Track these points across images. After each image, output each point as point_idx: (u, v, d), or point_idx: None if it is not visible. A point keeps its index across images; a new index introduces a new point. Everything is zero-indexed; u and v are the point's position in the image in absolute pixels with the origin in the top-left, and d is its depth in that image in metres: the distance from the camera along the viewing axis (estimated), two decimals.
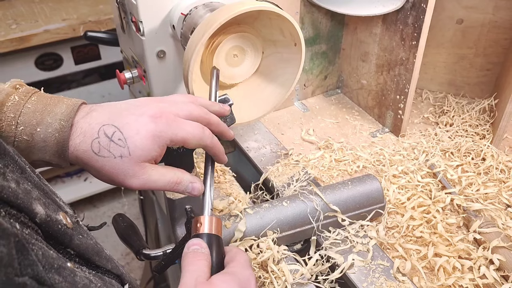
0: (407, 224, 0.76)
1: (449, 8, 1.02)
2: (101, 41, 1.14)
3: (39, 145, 0.50)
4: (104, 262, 0.42)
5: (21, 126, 0.50)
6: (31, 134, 0.50)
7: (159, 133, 0.51)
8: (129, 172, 0.51)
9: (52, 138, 0.50)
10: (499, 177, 0.87)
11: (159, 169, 0.53)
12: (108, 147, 0.50)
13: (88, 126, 0.51)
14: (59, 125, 0.50)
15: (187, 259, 0.49)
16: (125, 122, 0.51)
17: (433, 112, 1.08)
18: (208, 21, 0.71)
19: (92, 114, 0.52)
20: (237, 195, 0.82)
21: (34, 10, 1.79)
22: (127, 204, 2.32)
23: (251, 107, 0.87)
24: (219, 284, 0.46)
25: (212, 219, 0.54)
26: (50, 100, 0.52)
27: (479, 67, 1.07)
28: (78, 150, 0.51)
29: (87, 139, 0.50)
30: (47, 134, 0.50)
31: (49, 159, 0.51)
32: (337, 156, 0.93)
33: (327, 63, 1.11)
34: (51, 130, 0.50)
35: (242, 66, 0.82)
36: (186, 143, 0.54)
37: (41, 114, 0.50)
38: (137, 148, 0.50)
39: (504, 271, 0.68)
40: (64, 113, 0.51)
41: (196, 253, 0.50)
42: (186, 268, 0.48)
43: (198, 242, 0.52)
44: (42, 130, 0.50)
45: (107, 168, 0.50)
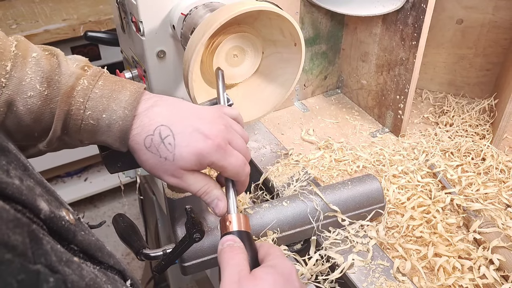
0: (407, 224, 0.76)
1: (449, 8, 1.02)
2: (101, 41, 1.14)
3: (103, 129, 0.54)
4: (106, 258, 0.42)
5: (89, 111, 0.53)
6: (97, 119, 0.53)
7: (206, 154, 0.54)
8: (168, 172, 0.55)
9: (116, 125, 0.53)
10: (499, 177, 0.87)
11: (196, 175, 0.56)
12: (158, 146, 0.53)
13: (148, 122, 0.54)
14: (123, 114, 0.53)
15: (225, 254, 0.50)
16: (180, 131, 0.54)
17: (433, 112, 1.08)
18: (208, 21, 0.71)
19: (155, 110, 0.55)
20: None
21: (34, 10, 1.79)
22: (127, 204, 2.32)
23: (251, 107, 0.87)
24: (264, 276, 0.46)
25: (240, 216, 0.55)
26: (115, 85, 0.55)
27: (479, 67, 1.07)
28: (133, 140, 0.54)
29: (143, 133, 0.54)
30: (111, 121, 0.53)
31: (111, 142, 0.55)
32: (337, 156, 0.93)
33: (327, 63, 1.11)
34: (116, 117, 0.53)
35: (242, 66, 0.82)
36: (224, 171, 0.56)
37: (108, 100, 0.53)
38: (181, 158, 0.53)
39: (504, 271, 0.68)
40: (128, 101, 0.54)
41: (232, 247, 0.51)
42: (226, 263, 0.49)
43: (231, 237, 0.53)
44: (107, 116, 0.53)
45: (151, 162, 0.54)
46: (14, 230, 0.29)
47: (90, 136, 0.55)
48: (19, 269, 0.27)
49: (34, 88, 0.51)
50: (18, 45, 0.53)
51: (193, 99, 0.76)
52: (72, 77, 0.53)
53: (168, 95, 0.93)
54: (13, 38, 0.53)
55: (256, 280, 0.46)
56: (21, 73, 0.51)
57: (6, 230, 0.28)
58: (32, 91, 0.51)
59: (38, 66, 0.52)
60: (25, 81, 0.51)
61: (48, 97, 0.52)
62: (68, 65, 0.54)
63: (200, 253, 0.68)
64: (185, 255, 0.67)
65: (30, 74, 0.51)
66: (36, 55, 0.53)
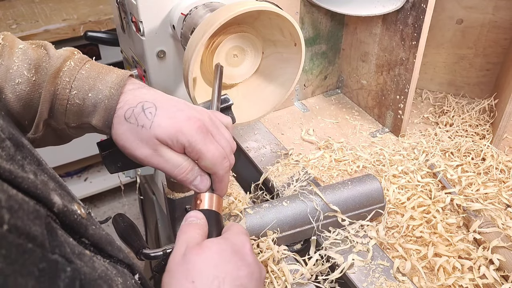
0: (407, 224, 0.76)
1: (449, 8, 1.02)
2: (101, 41, 1.14)
3: (89, 109, 0.54)
4: (116, 252, 0.43)
5: (75, 90, 0.53)
6: (83, 98, 0.53)
7: (185, 131, 0.52)
8: (142, 140, 0.52)
9: (101, 104, 0.53)
10: (499, 177, 0.87)
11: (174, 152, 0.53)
12: (137, 116, 0.52)
13: (133, 98, 0.54)
14: (109, 93, 0.53)
15: (181, 230, 0.49)
16: (165, 106, 0.53)
17: (433, 112, 1.08)
18: (209, 20, 0.71)
19: (141, 90, 0.55)
20: (237, 195, 0.82)
21: (34, 10, 1.79)
22: (127, 204, 2.32)
23: (251, 107, 0.87)
24: (210, 245, 0.45)
25: (212, 196, 0.54)
26: (102, 69, 0.55)
27: (479, 67, 1.07)
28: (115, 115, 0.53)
29: (125, 106, 0.53)
30: (97, 100, 0.53)
31: (95, 123, 0.54)
32: (337, 156, 0.93)
33: (327, 63, 1.11)
34: (101, 96, 0.53)
35: (242, 66, 0.82)
36: (201, 158, 0.53)
37: (94, 81, 0.54)
38: (158, 126, 0.51)
39: (504, 271, 0.68)
40: (114, 82, 0.54)
41: (190, 224, 0.50)
42: (178, 236, 0.48)
43: (194, 214, 0.52)
44: (93, 95, 0.53)
45: (127, 134, 0.53)
46: (34, 221, 0.30)
47: (76, 117, 0.55)
48: (40, 258, 0.28)
49: (21, 75, 0.52)
50: (4, 38, 0.54)
51: (193, 99, 0.76)
52: (59, 59, 0.54)
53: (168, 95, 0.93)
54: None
55: (201, 249, 0.44)
56: (8, 62, 0.52)
57: (27, 221, 0.29)
58: (20, 78, 0.52)
59: (25, 55, 0.53)
60: (12, 68, 0.52)
61: (37, 82, 0.53)
62: (56, 51, 0.55)
63: None
64: None
65: (17, 63, 0.52)
66: (23, 46, 0.54)
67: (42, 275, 0.27)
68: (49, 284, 0.28)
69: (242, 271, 0.43)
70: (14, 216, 0.28)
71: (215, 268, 0.42)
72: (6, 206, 0.27)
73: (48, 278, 0.28)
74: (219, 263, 0.43)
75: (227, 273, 0.42)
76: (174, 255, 0.45)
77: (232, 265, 0.43)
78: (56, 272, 0.29)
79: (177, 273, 0.42)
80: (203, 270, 0.41)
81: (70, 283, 0.30)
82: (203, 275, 0.41)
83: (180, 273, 0.42)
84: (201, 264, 0.42)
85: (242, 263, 0.44)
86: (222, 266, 0.42)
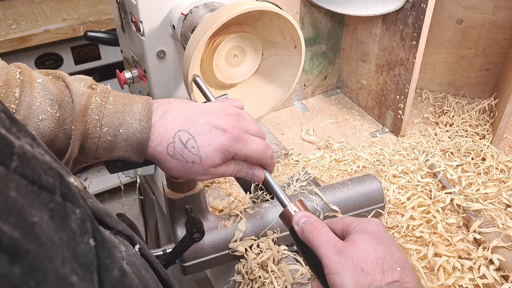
0: (407, 224, 0.76)
1: (449, 8, 1.02)
2: (101, 41, 1.13)
3: (121, 144, 0.54)
4: (115, 224, 0.43)
5: (105, 127, 0.53)
6: (114, 135, 0.54)
7: (228, 147, 0.56)
8: (199, 173, 0.56)
9: (134, 139, 0.54)
10: (499, 177, 0.87)
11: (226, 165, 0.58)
12: (182, 152, 0.55)
13: (165, 130, 0.55)
14: (139, 126, 0.54)
15: (310, 233, 0.50)
16: (199, 132, 0.55)
17: (433, 112, 1.08)
18: (211, 19, 0.71)
19: (168, 117, 0.56)
20: (237, 195, 0.82)
21: (34, 10, 1.79)
22: (127, 204, 2.32)
23: (251, 108, 0.87)
24: (359, 237, 0.48)
25: (297, 204, 0.55)
26: (125, 99, 0.56)
27: (479, 67, 1.07)
28: (155, 150, 0.55)
29: (163, 142, 0.55)
30: (129, 135, 0.54)
31: (129, 156, 0.56)
32: (337, 156, 0.93)
33: (327, 63, 1.11)
34: (133, 131, 0.54)
35: (242, 67, 0.82)
36: (249, 159, 0.58)
37: (122, 115, 0.54)
38: (207, 158, 0.55)
39: (504, 271, 0.68)
40: (142, 113, 0.55)
41: (313, 224, 0.51)
42: (317, 240, 0.49)
43: (303, 214, 0.53)
44: (124, 131, 0.54)
45: (179, 169, 0.56)
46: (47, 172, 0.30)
47: (107, 152, 0.55)
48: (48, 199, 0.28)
49: (45, 111, 0.51)
50: (22, 72, 0.53)
51: (193, 98, 0.76)
52: (84, 96, 0.53)
53: (168, 95, 0.93)
54: (14, 66, 0.54)
55: (353, 243, 0.47)
56: (30, 98, 0.51)
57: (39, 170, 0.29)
58: (44, 114, 0.51)
59: (46, 90, 0.52)
60: (35, 105, 0.51)
61: (61, 118, 0.52)
62: (76, 85, 0.55)
63: (200, 253, 0.68)
64: (185, 255, 0.67)
65: (39, 98, 0.51)
66: (42, 80, 0.53)
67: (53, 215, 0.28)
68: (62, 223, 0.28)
69: (393, 248, 0.48)
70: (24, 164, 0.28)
71: (374, 252, 0.46)
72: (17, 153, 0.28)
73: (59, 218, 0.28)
74: (376, 247, 0.47)
75: (383, 252, 0.46)
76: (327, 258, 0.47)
77: (383, 246, 0.47)
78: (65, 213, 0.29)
79: (346, 269, 0.45)
80: (367, 257, 0.46)
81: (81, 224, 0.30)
82: (368, 260, 0.45)
83: (348, 268, 0.45)
84: (362, 253, 0.46)
85: (387, 240, 0.48)
86: (377, 249, 0.46)
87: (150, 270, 0.44)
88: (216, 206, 0.78)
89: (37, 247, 0.24)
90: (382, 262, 0.46)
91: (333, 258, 0.47)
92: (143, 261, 0.44)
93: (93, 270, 0.29)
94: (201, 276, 1.35)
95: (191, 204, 0.66)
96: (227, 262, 0.71)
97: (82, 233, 0.30)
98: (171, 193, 0.66)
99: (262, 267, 0.68)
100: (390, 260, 0.46)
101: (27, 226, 0.24)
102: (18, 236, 0.23)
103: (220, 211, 0.78)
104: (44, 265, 0.24)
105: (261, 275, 0.67)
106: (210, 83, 0.83)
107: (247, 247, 0.69)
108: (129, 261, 0.39)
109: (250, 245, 0.69)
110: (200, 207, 0.68)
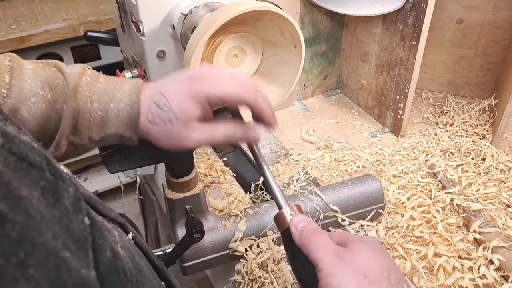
0: (407, 224, 0.76)
1: (449, 8, 1.02)
2: (101, 41, 1.14)
3: (113, 120, 0.54)
4: (107, 211, 0.42)
5: (96, 103, 0.54)
6: (105, 109, 0.54)
7: (196, 90, 0.53)
8: (182, 134, 0.54)
9: (124, 112, 0.54)
10: (499, 177, 0.87)
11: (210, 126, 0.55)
12: (158, 114, 0.53)
13: (145, 100, 0.54)
14: (129, 100, 0.54)
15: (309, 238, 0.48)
16: (168, 88, 0.54)
17: (433, 112, 1.08)
18: (211, 19, 0.71)
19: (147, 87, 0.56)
20: (237, 195, 0.82)
21: (34, 10, 1.79)
22: (127, 204, 2.32)
23: None
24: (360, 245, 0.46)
25: (294, 208, 0.53)
26: (116, 80, 0.56)
27: (479, 67, 1.07)
28: (141, 123, 0.55)
29: (145, 110, 0.54)
30: (119, 109, 0.54)
31: (122, 132, 0.55)
32: (337, 156, 0.93)
33: (327, 63, 1.11)
34: (123, 105, 0.54)
35: (241, 67, 0.82)
36: (224, 100, 0.54)
37: (112, 92, 0.55)
38: (180, 110, 0.53)
39: (504, 271, 0.68)
40: (131, 90, 0.55)
41: (312, 230, 0.49)
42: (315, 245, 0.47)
43: (302, 218, 0.51)
44: (115, 105, 0.54)
45: (163, 134, 0.54)
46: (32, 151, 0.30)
47: (99, 129, 0.55)
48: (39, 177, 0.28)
49: (36, 93, 0.52)
50: (12, 59, 0.54)
51: None
52: (75, 75, 0.54)
53: None
54: (4, 55, 0.54)
55: (353, 250, 0.46)
56: (20, 82, 0.52)
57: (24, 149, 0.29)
58: (35, 97, 0.52)
59: (36, 74, 0.53)
60: (25, 88, 0.52)
61: (52, 99, 0.53)
62: (69, 68, 0.56)
63: (200, 253, 0.68)
64: (185, 255, 0.67)
65: (29, 82, 0.52)
66: (31, 66, 0.54)
67: (45, 192, 0.27)
68: (54, 201, 0.28)
69: (394, 264, 0.47)
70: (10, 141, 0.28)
71: (378, 262, 0.45)
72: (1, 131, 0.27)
73: (51, 196, 0.28)
74: (378, 258, 0.46)
75: (388, 266, 0.45)
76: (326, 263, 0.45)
77: (387, 260, 0.46)
78: (58, 190, 0.29)
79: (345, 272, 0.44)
80: (371, 265, 0.44)
81: (75, 202, 0.30)
82: (372, 269, 0.44)
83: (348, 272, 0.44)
84: (364, 261, 0.45)
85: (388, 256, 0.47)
86: (381, 260, 0.45)
87: (144, 258, 0.44)
88: (216, 206, 0.78)
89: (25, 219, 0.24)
90: (388, 274, 0.44)
91: (332, 261, 0.45)
92: (136, 249, 0.43)
93: (88, 247, 0.28)
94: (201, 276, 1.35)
95: (191, 204, 0.66)
96: (227, 262, 0.71)
97: (76, 211, 0.29)
98: (171, 193, 0.66)
99: (262, 267, 0.68)
100: (396, 275, 0.45)
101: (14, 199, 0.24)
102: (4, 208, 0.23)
103: (220, 211, 0.78)
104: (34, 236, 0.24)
105: (261, 275, 0.67)
106: None
107: (247, 247, 0.69)
108: (123, 245, 0.38)
109: (250, 245, 0.69)
110: (200, 207, 0.68)
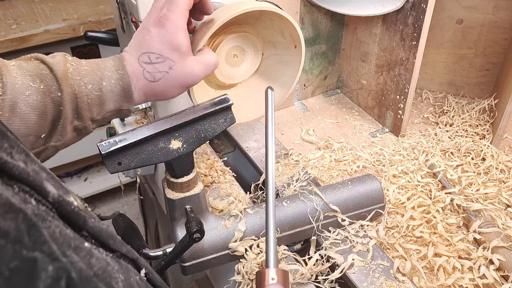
0: (407, 224, 0.76)
1: (449, 8, 1.02)
2: (101, 41, 1.14)
3: (109, 96, 0.58)
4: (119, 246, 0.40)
5: (89, 84, 0.57)
6: (99, 89, 0.57)
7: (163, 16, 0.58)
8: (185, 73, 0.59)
9: (117, 87, 0.58)
10: (499, 177, 0.87)
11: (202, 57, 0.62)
12: (157, 69, 0.58)
13: (132, 67, 0.58)
14: (118, 75, 0.58)
15: None
16: (147, 43, 0.58)
17: (433, 112, 1.08)
18: (211, 19, 0.71)
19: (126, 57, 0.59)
20: (237, 195, 0.82)
21: (34, 10, 1.79)
22: (127, 204, 2.32)
23: (251, 107, 0.87)
24: None
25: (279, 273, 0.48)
26: (96, 61, 0.59)
27: (479, 67, 1.07)
28: (141, 88, 0.59)
29: (139, 76, 0.58)
30: (112, 85, 0.57)
31: (120, 105, 0.59)
32: (337, 156, 0.93)
33: (327, 63, 1.11)
34: (114, 80, 0.57)
35: (241, 67, 0.82)
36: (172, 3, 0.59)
37: (100, 71, 0.58)
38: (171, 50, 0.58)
39: (504, 271, 0.68)
40: (116, 65, 0.58)
41: None
42: None
43: None
44: (107, 83, 0.57)
45: (169, 84, 0.59)
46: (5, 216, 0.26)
47: (99, 109, 0.58)
48: (12, 256, 0.25)
49: (28, 86, 0.54)
50: None
51: (193, 99, 0.76)
52: (60, 64, 0.57)
53: None
54: None
55: None
56: (11, 79, 0.53)
57: None
58: (28, 90, 0.54)
59: (22, 69, 0.55)
60: (17, 84, 0.53)
61: (46, 89, 0.55)
62: (49, 57, 0.58)
63: (200, 253, 0.68)
64: (185, 255, 0.67)
65: (19, 77, 0.54)
66: (14, 63, 0.56)
67: (13, 275, 0.24)
68: (24, 285, 0.25)
69: None
70: None
71: None
72: None
73: (23, 279, 0.25)
74: None
75: None
76: None
77: None
78: (34, 271, 0.26)
79: None
80: None
81: (53, 283, 0.26)
82: None
83: None
84: None
85: None
86: None
87: None
88: (216, 206, 0.78)
89: None
90: None
91: None
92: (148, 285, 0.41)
93: None
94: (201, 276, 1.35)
95: (191, 204, 0.66)
96: (227, 262, 0.71)
97: None
98: (171, 193, 0.66)
99: (262, 267, 0.68)
100: None
101: None
102: None
103: (220, 211, 0.78)
104: None
105: None
106: (210, 82, 0.83)
107: (247, 247, 0.69)
108: None
109: (250, 245, 0.69)
110: (200, 207, 0.68)
